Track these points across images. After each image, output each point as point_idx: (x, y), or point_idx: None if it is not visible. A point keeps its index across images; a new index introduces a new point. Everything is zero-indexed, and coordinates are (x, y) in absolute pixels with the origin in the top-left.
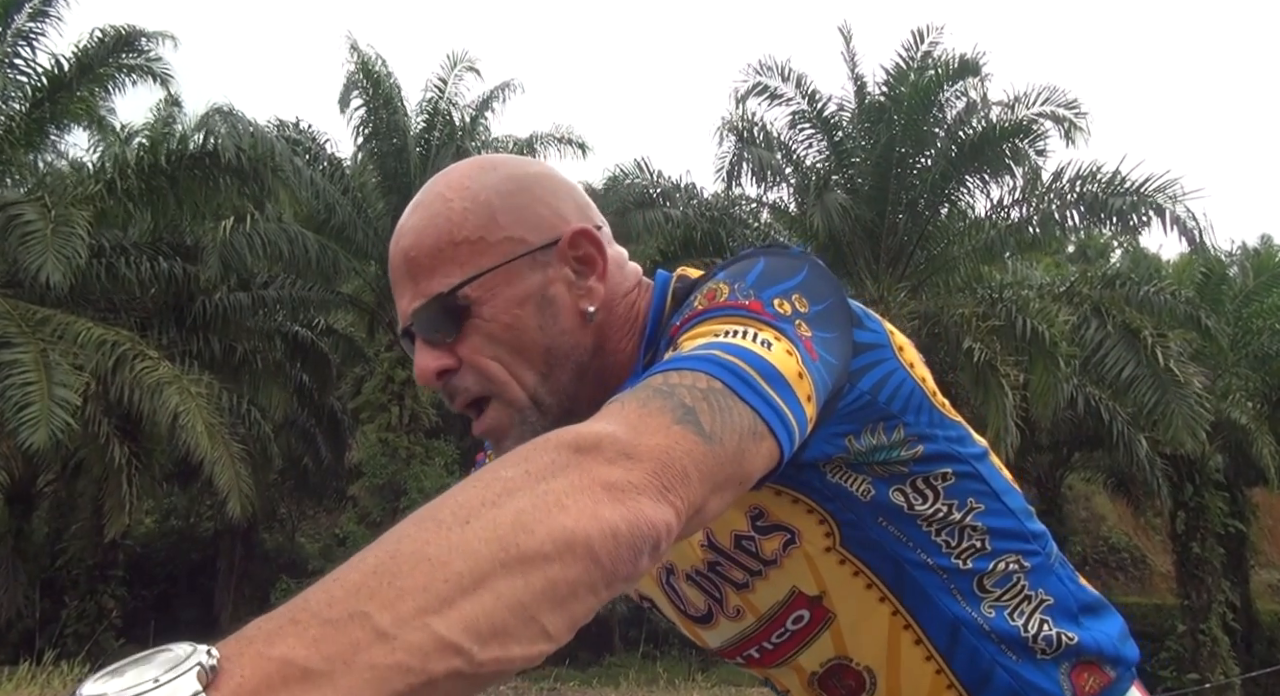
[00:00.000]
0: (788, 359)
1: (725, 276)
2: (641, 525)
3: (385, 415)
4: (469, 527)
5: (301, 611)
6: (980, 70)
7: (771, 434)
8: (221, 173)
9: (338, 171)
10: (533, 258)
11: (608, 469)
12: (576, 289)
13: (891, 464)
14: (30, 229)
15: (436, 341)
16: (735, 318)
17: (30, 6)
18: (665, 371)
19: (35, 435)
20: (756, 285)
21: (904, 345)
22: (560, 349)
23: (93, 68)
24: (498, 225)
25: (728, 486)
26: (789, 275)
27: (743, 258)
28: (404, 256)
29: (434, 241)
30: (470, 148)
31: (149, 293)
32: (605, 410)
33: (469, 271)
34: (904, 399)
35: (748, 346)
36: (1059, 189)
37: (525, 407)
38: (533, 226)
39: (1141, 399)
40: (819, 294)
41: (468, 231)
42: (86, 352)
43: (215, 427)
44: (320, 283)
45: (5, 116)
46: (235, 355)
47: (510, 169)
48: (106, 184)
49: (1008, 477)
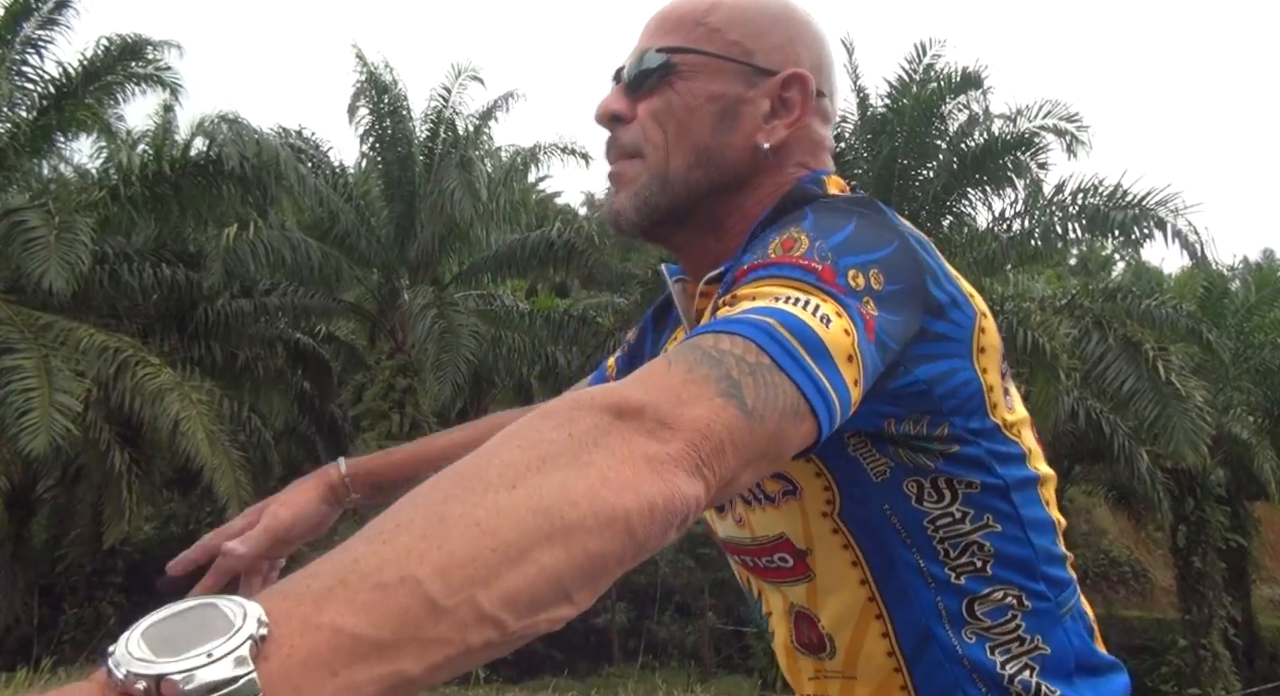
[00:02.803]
0: (843, 338)
1: (812, 226)
2: (676, 500)
3: (385, 423)
4: (515, 493)
5: (351, 572)
6: (982, 83)
7: (813, 415)
8: (225, 180)
9: (341, 179)
10: (747, 71)
11: (646, 440)
12: (764, 121)
13: (919, 452)
14: (34, 235)
15: (630, 88)
16: (802, 283)
17: (39, 15)
18: (718, 333)
19: (35, 441)
20: (837, 250)
21: (987, 347)
22: (715, 155)
23: (100, 76)
24: (741, 29)
25: (761, 462)
26: (875, 246)
27: (840, 208)
28: (660, 13)
29: (688, 11)
30: (474, 156)
31: (151, 299)
32: (654, 367)
33: (690, 45)
34: (961, 399)
35: (805, 320)
36: (1060, 202)
37: (656, 178)
38: (767, 49)
39: (1143, 412)
40: (900, 273)
41: (715, 19)
42: (88, 359)
43: (216, 435)
44: (322, 290)
45: (12, 124)
46: (237, 362)
47: (788, 5)
48: (110, 191)
49: (1051, 516)
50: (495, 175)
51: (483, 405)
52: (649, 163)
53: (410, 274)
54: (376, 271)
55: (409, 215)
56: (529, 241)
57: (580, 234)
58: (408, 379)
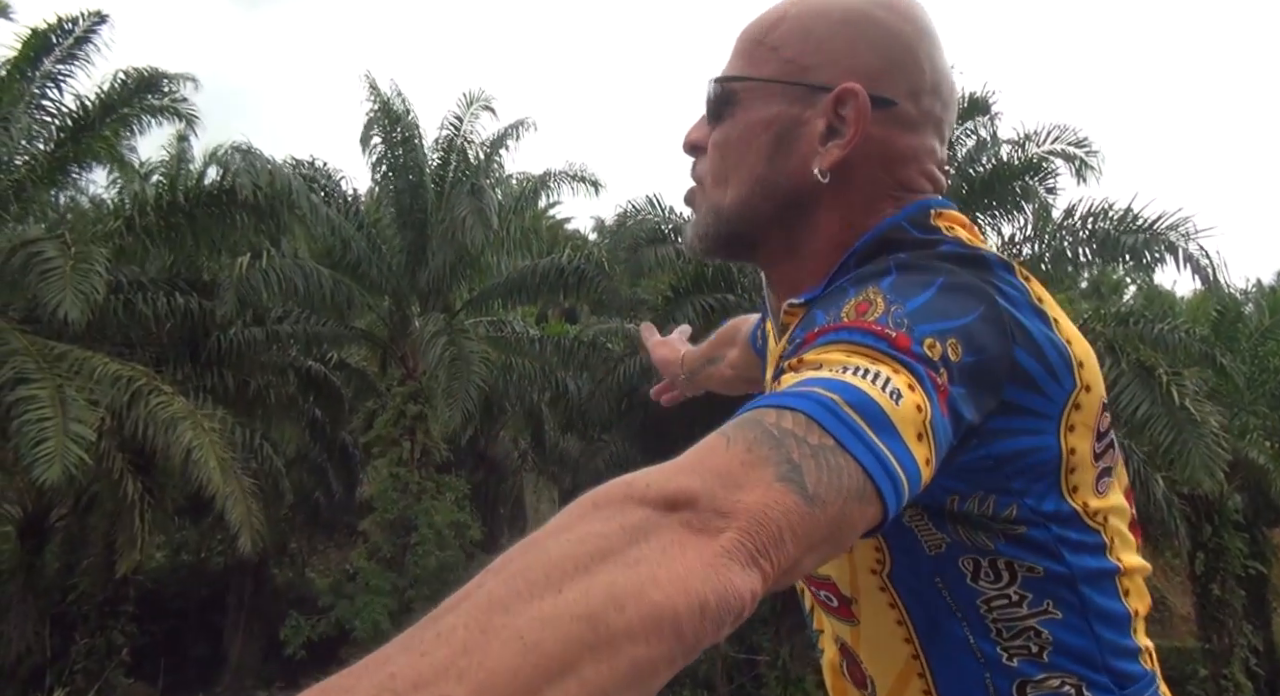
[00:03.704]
0: (914, 414)
1: (891, 288)
2: (729, 597)
3: (397, 450)
4: (561, 598)
5: (386, 690)
6: (990, 109)
7: (879, 497)
8: (239, 209)
9: (353, 207)
10: (802, 91)
11: (700, 532)
12: (820, 143)
13: (979, 530)
14: (50, 266)
15: (709, 117)
16: (874, 351)
17: (60, 50)
18: (780, 408)
19: (50, 471)
20: (915, 316)
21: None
22: (771, 184)
23: (116, 108)
24: (799, 44)
25: (824, 546)
26: (957, 313)
27: (928, 266)
28: (743, 29)
29: (755, 28)
30: (485, 184)
31: (165, 328)
32: (713, 445)
33: (748, 70)
34: (1035, 479)
35: (872, 394)
36: (1070, 226)
37: (710, 210)
38: (824, 62)
39: (1157, 437)
40: (980, 343)
41: (776, 36)
42: (102, 388)
43: (228, 463)
44: (334, 317)
45: (30, 156)
46: (249, 390)
47: (861, 6)
48: (126, 221)
49: (1129, 609)
50: (506, 203)
51: (493, 432)
52: (708, 194)
53: (421, 301)
54: (388, 298)
55: (420, 242)
56: (539, 268)
57: (590, 260)
58: (419, 405)
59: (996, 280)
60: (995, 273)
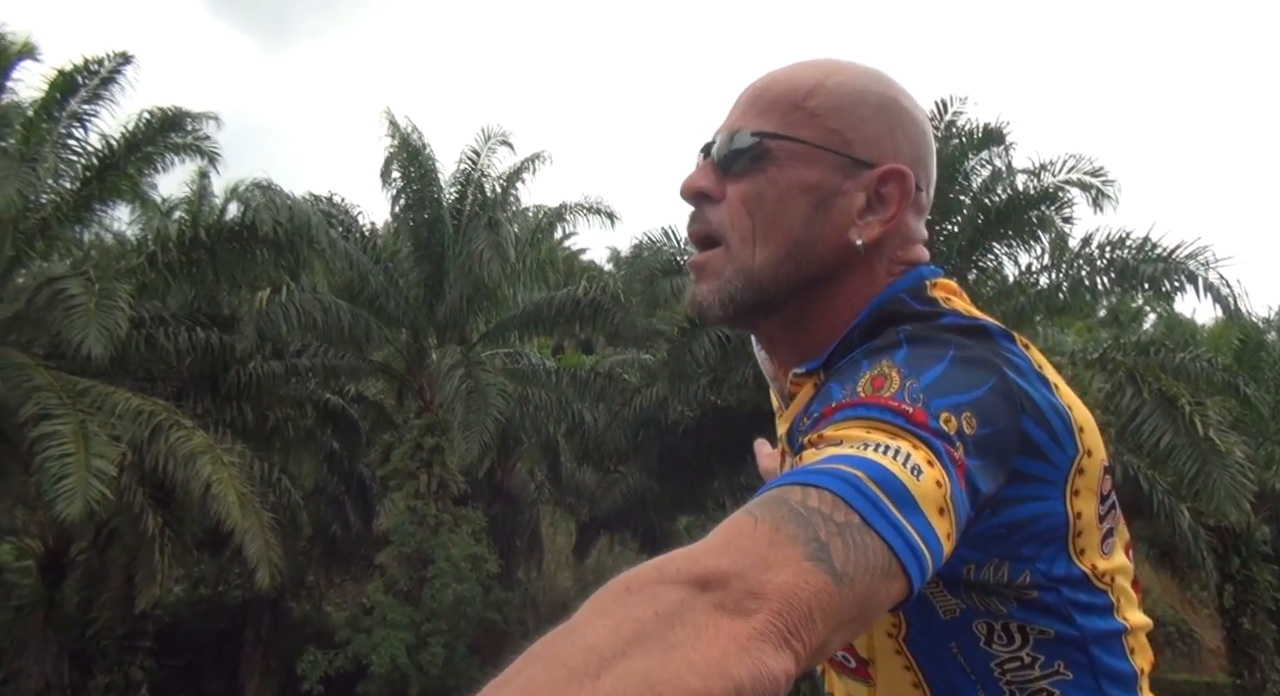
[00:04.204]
0: (935, 491)
1: (904, 361)
2: (763, 678)
3: (414, 482)
4: (599, 684)
5: None
6: (1005, 139)
7: (904, 574)
8: (259, 245)
9: (370, 242)
10: (844, 162)
11: (733, 614)
12: (858, 216)
13: (993, 596)
14: (74, 303)
15: (719, 166)
16: (892, 426)
17: (86, 90)
18: (805, 486)
19: (71, 507)
20: (929, 390)
21: (1083, 488)
22: (805, 249)
23: (140, 147)
24: (843, 117)
25: (851, 625)
26: (970, 386)
27: (936, 339)
28: (754, 87)
29: (786, 90)
30: (501, 218)
31: (185, 362)
32: (740, 525)
33: (786, 130)
34: (1045, 545)
35: (894, 470)
36: (1088, 255)
37: (741, 272)
38: (866, 139)
39: (1181, 468)
40: (993, 415)
41: (816, 104)
42: (124, 423)
43: (246, 497)
44: (352, 350)
45: (56, 195)
46: (267, 423)
47: (886, 88)
48: (148, 257)
49: (1135, 667)
50: (522, 235)
51: (510, 463)
52: (734, 254)
53: (438, 333)
54: (405, 331)
55: (438, 276)
56: (555, 300)
57: (606, 292)
58: (435, 438)
59: (1001, 350)
60: (998, 343)
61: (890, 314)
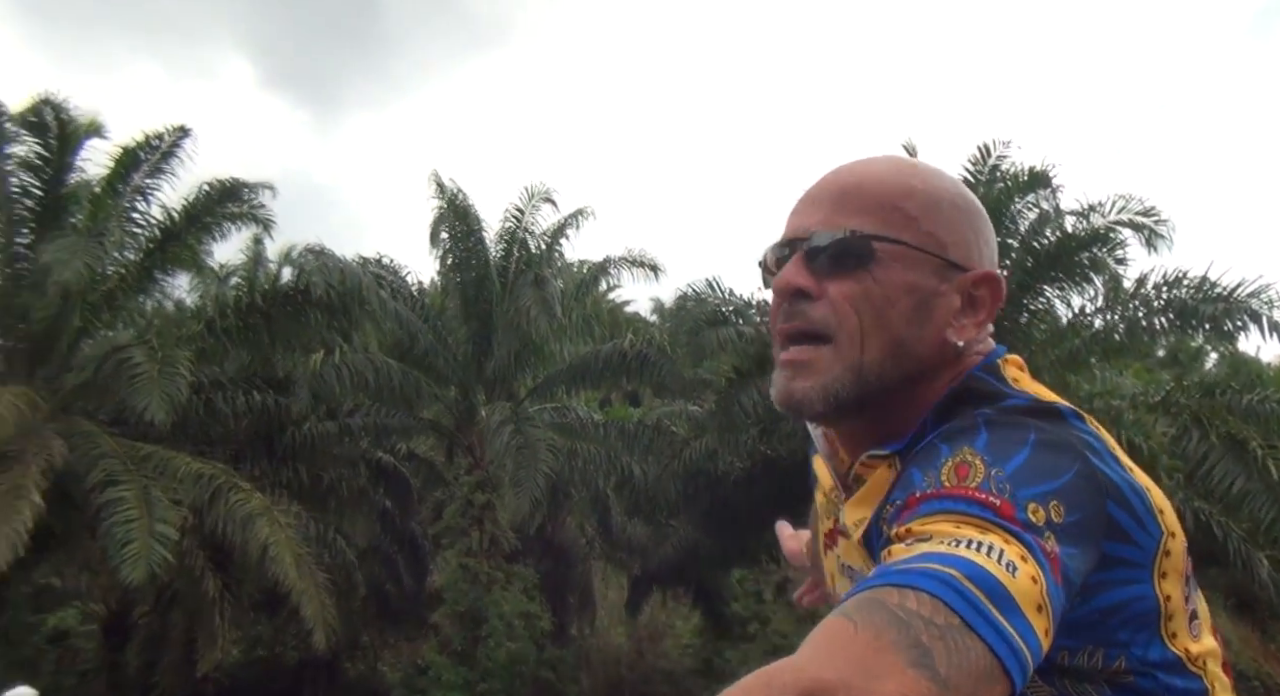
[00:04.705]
0: (1031, 588)
1: (986, 448)
2: None
3: (465, 540)
4: None
5: None
6: (1051, 182)
7: (1006, 676)
8: (312, 308)
9: (419, 301)
10: (941, 264)
11: None
12: (954, 317)
13: (1086, 681)
14: (138, 371)
15: (817, 267)
16: (981, 521)
17: (148, 165)
18: (902, 588)
19: (135, 572)
20: (1015, 479)
21: (1170, 571)
22: (909, 348)
23: (199, 217)
24: (935, 220)
25: None
26: (1055, 473)
27: (1016, 424)
28: (840, 184)
29: (880, 190)
30: (547, 274)
31: (242, 425)
32: (839, 630)
33: (891, 233)
34: (1138, 629)
35: (990, 569)
36: (1144, 295)
37: (849, 369)
38: (957, 243)
39: (1257, 514)
40: (1079, 501)
41: (912, 206)
42: (184, 487)
43: (303, 558)
44: (402, 408)
45: (121, 267)
46: (322, 483)
47: (963, 190)
48: (207, 323)
49: None
50: (567, 290)
51: (560, 519)
52: (841, 352)
53: (486, 390)
54: (454, 388)
55: (485, 333)
56: (602, 353)
57: (652, 344)
58: (486, 494)
59: (1078, 431)
60: (1072, 424)
61: (964, 392)
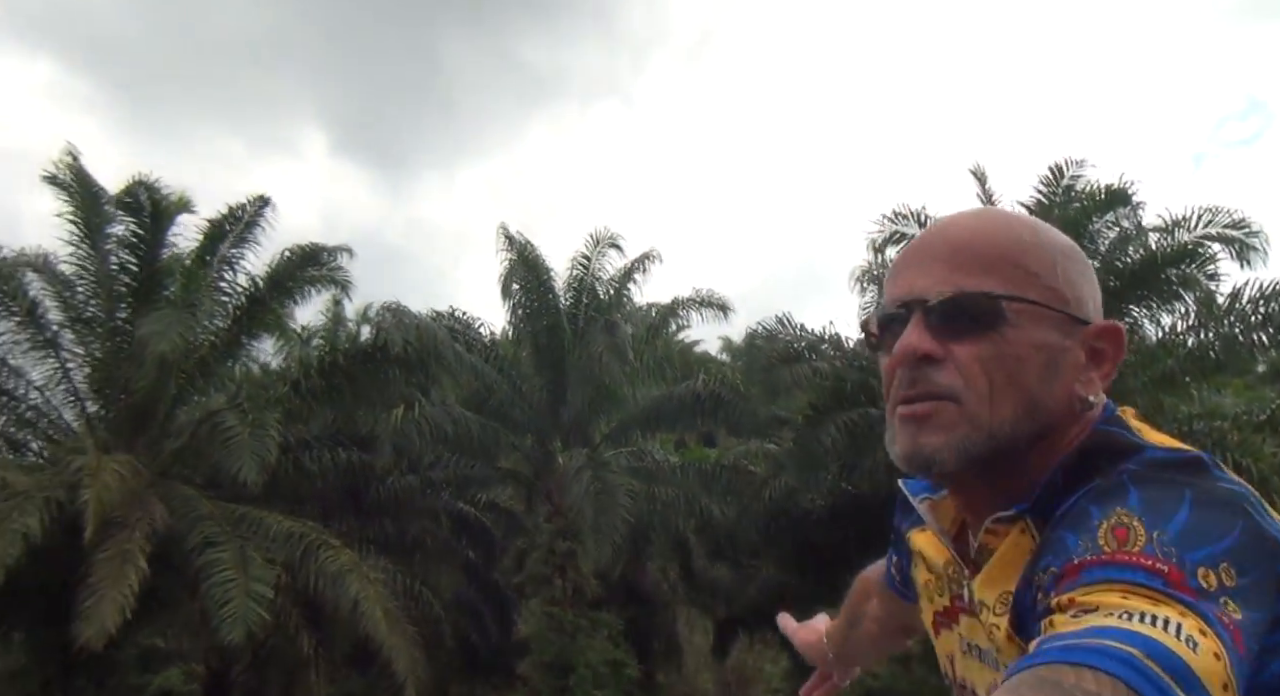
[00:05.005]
0: (1214, 664)
1: (1142, 508)
2: None
3: (549, 589)
4: None
5: None
6: (1130, 199)
7: None
8: (391, 365)
9: (493, 353)
10: (1065, 320)
11: None
12: (1080, 372)
13: None
14: (231, 434)
15: (940, 329)
16: (1151, 591)
17: (233, 236)
18: (1078, 667)
19: (235, 631)
20: (1180, 541)
21: None
22: (1040, 406)
23: (282, 282)
24: (1054, 275)
25: None
26: (1220, 533)
27: (1166, 480)
28: (950, 241)
29: (997, 248)
30: (617, 319)
31: (329, 482)
32: None
33: (1016, 291)
34: None
35: (1173, 648)
36: (1239, 311)
37: (980, 429)
38: (1075, 297)
39: None
40: (1250, 561)
41: (1030, 261)
42: (277, 546)
43: (392, 613)
44: (482, 459)
45: (212, 334)
46: (407, 537)
47: (1069, 241)
48: (292, 384)
49: None
50: (638, 334)
51: (641, 564)
52: (970, 411)
53: (563, 437)
54: (531, 437)
55: (559, 381)
56: (675, 395)
57: (725, 383)
58: (567, 542)
59: (1228, 484)
60: (1216, 476)
61: (1093, 448)
